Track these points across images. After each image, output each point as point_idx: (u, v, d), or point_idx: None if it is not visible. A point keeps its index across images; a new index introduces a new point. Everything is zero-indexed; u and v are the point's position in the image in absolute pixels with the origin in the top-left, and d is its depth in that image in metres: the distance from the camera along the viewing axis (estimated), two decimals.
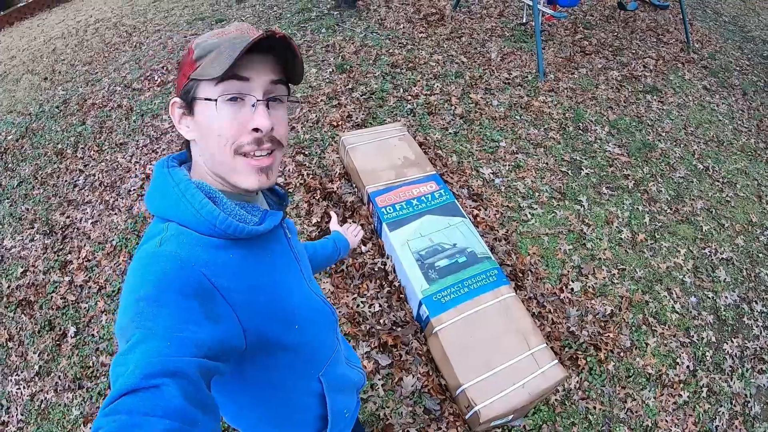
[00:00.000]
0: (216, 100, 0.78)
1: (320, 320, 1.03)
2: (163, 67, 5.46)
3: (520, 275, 3.03)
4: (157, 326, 0.65)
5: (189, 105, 0.82)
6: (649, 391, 2.61)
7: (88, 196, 3.94)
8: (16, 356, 2.94)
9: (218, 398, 1.00)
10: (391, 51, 5.24)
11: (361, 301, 2.82)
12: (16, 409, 2.69)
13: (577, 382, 2.59)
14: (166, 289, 0.70)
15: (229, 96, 0.78)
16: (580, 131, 4.28)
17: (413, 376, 2.49)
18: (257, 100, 0.80)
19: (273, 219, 0.89)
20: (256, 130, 0.80)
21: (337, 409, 1.15)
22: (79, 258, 3.39)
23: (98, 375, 2.73)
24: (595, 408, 2.51)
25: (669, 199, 3.76)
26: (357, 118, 4.21)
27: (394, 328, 2.70)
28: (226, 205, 0.82)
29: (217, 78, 0.76)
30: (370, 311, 2.77)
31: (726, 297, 3.15)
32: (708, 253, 3.39)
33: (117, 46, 6.56)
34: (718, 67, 5.70)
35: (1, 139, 5.01)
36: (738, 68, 5.79)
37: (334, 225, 1.68)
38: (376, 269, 2.98)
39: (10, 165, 4.58)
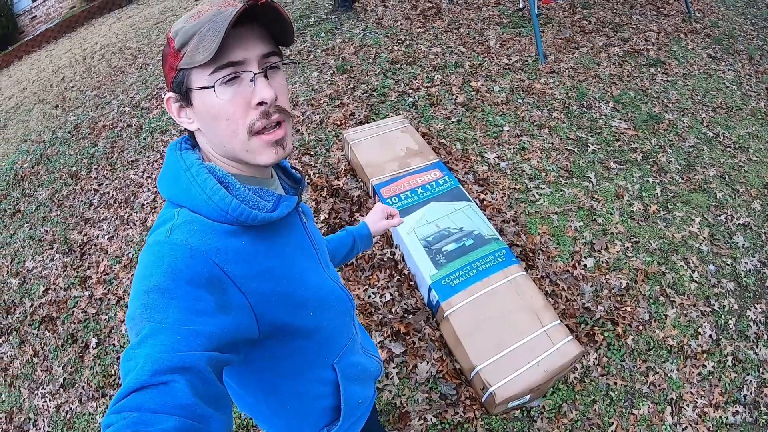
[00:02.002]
0: (213, 87, 0.75)
1: (336, 306, 1.01)
2: None
3: (531, 255, 3.01)
4: (167, 319, 0.65)
5: (185, 96, 0.79)
6: (672, 364, 2.56)
7: (103, 213, 4.03)
8: (41, 371, 3.03)
9: (230, 386, 1.00)
10: (390, 48, 5.27)
11: (372, 292, 2.84)
12: (43, 421, 2.77)
13: (596, 358, 2.56)
14: (176, 279, 0.69)
15: (226, 78, 0.75)
16: (584, 109, 4.24)
17: (427, 363, 2.49)
18: (255, 74, 0.77)
19: (287, 204, 0.87)
20: (260, 103, 0.78)
21: (351, 399, 1.13)
22: (97, 272, 3.47)
23: (120, 383, 2.78)
24: (616, 384, 2.47)
25: (680, 168, 3.69)
26: (360, 116, 4.23)
27: (406, 315, 2.70)
28: (239, 191, 0.81)
29: (208, 63, 0.74)
30: (381, 301, 2.78)
31: (746, 263, 3.07)
32: (724, 220, 3.32)
33: (123, 69, 6.70)
34: (721, 35, 5.59)
35: (18, 168, 5.15)
36: (742, 34, 5.67)
37: (370, 214, 1.55)
38: (386, 259, 2.99)
39: (27, 191, 4.71)
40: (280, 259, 0.86)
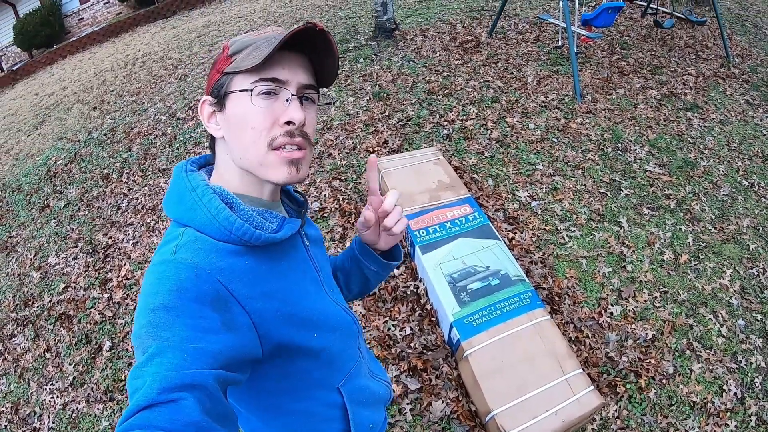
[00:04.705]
0: (251, 90, 0.78)
1: (341, 328, 1.00)
2: None
3: (557, 299, 2.95)
4: (173, 337, 0.65)
5: (220, 100, 0.83)
6: (694, 421, 2.47)
7: (130, 218, 4.08)
8: (52, 366, 3.06)
9: (237, 410, 0.99)
10: (427, 78, 5.30)
11: (392, 325, 2.80)
12: (48, 417, 2.80)
13: (616, 410, 2.48)
14: (181, 297, 0.69)
15: (264, 89, 0.79)
16: (619, 152, 4.19)
17: (442, 401, 2.43)
18: (291, 95, 0.80)
19: (291, 227, 0.88)
20: (288, 123, 0.80)
21: (361, 423, 1.11)
22: (118, 276, 3.50)
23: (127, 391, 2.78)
24: None
25: (713, 218, 3.62)
26: (393, 144, 4.24)
27: (425, 351, 2.65)
28: (243, 211, 0.82)
29: (253, 71, 0.78)
30: (400, 334, 2.74)
31: None
32: (756, 273, 3.23)
33: (163, 78, 6.85)
34: (760, 81, 5.52)
35: (51, 164, 5.28)
36: None
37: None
38: (408, 292, 2.95)
39: (58, 188, 4.81)
40: (284, 281, 0.87)
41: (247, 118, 0.80)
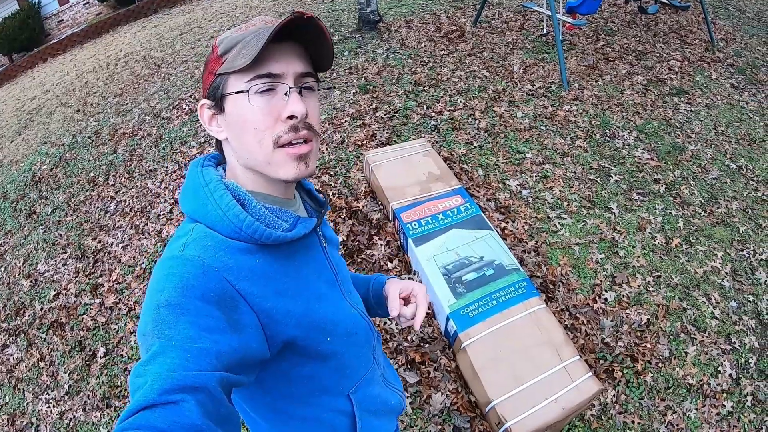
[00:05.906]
0: (248, 92, 0.77)
1: (356, 334, 0.97)
2: (190, 96, 5.60)
3: (551, 287, 2.96)
4: (177, 336, 0.64)
5: (218, 103, 0.81)
6: (691, 403, 2.49)
7: (119, 221, 4.03)
8: (47, 376, 3.02)
9: (245, 411, 0.98)
10: (413, 69, 5.27)
11: (388, 318, 2.78)
12: (46, 428, 2.76)
13: (614, 395, 2.49)
14: (187, 295, 0.68)
15: (262, 88, 0.77)
16: (607, 138, 4.20)
17: (442, 394, 2.43)
18: (290, 88, 0.78)
19: (305, 226, 0.86)
20: (290, 117, 0.78)
21: None
22: (109, 281, 3.46)
23: (126, 394, 2.77)
24: (633, 422, 2.41)
25: (702, 201, 3.64)
26: (381, 137, 4.22)
27: (422, 344, 2.65)
28: (255, 209, 0.80)
29: (246, 69, 0.75)
30: (397, 328, 2.74)
31: None
32: (746, 255, 3.26)
33: (146, 78, 6.76)
34: (744, 64, 5.55)
35: (36, 169, 5.20)
36: (765, 64, 5.61)
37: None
38: None
39: (44, 193, 4.75)
40: (295, 281, 0.85)
41: (248, 119, 0.78)
